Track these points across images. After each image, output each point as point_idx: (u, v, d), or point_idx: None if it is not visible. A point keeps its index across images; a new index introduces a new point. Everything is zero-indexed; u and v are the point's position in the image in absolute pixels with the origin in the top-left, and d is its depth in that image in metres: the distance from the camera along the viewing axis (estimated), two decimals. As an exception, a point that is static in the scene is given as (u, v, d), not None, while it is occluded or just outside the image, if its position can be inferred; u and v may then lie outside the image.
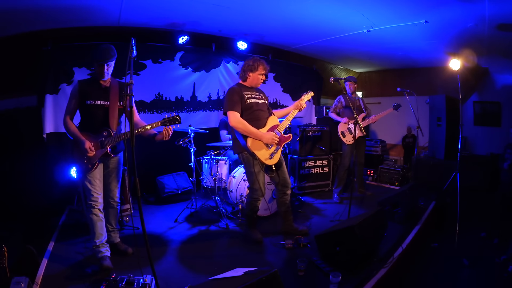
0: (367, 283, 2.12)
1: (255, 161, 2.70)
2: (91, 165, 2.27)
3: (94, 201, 2.29)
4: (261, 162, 2.71)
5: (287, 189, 2.94)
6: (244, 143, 2.67)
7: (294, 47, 5.53)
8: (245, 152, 2.72)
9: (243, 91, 2.76)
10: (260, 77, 2.82)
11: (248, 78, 2.82)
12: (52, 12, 3.23)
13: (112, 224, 2.56)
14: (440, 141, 4.81)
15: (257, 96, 2.84)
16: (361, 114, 4.23)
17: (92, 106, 2.28)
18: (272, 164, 2.81)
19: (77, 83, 2.33)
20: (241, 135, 2.69)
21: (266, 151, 2.73)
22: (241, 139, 2.70)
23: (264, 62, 2.82)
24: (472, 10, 3.27)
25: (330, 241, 2.41)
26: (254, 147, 2.66)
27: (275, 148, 2.78)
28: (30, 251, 2.21)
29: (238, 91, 2.73)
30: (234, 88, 2.76)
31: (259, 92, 2.91)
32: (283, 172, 2.92)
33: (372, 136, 7.38)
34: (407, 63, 6.15)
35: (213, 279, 1.85)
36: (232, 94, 2.71)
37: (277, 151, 2.80)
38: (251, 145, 2.65)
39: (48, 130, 3.70)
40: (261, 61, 2.81)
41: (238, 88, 2.76)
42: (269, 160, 2.75)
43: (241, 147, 2.74)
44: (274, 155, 2.77)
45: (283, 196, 2.95)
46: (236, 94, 2.70)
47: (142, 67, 4.33)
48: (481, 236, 3.37)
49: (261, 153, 2.69)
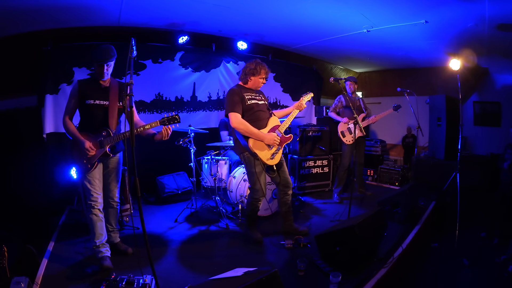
0: (367, 283, 2.12)
1: (257, 161, 2.71)
2: (91, 165, 2.27)
3: (94, 201, 2.29)
4: (262, 162, 2.72)
5: (289, 189, 2.95)
6: (245, 144, 2.68)
7: (294, 47, 5.53)
8: (247, 152, 2.73)
9: (243, 92, 2.77)
10: (261, 81, 2.85)
11: (249, 81, 2.83)
12: (52, 11, 3.23)
13: (112, 224, 2.56)
14: (440, 141, 4.81)
15: (257, 97, 2.85)
16: (361, 114, 4.23)
17: (91, 106, 2.28)
18: (274, 165, 2.82)
19: (76, 83, 2.33)
20: (242, 136, 2.70)
21: (268, 152, 2.74)
22: (243, 140, 2.71)
23: (266, 66, 2.83)
24: (472, 10, 3.27)
25: (330, 241, 2.41)
26: (255, 147, 2.67)
27: (276, 149, 2.79)
28: (30, 251, 2.21)
29: (238, 93, 2.74)
30: (234, 90, 2.77)
31: (259, 93, 2.92)
32: (284, 172, 2.93)
33: (372, 136, 7.38)
34: (407, 63, 6.14)
35: (213, 279, 1.85)
36: (233, 96, 2.72)
37: (278, 152, 2.82)
38: (252, 146, 2.66)
39: (48, 130, 3.70)
40: (263, 64, 2.81)
41: (238, 90, 2.77)
42: (271, 160, 2.76)
43: (242, 147, 2.75)
44: (275, 155, 2.79)
45: (285, 196, 2.95)
46: (236, 96, 2.72)
47: (142, 67, 4.33)
48: (481, 236, 3.37)
49: (262, 153, 2.71)
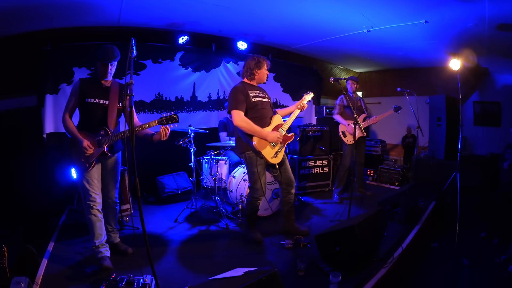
0: (367, 283, 2.12)
1: (259, 160, 2.70)
2: (88, 164, 2.26)
3: (93, 201, 2.29)
4: (266, 160, 2.71)
5: (292, 188, 2.94)
6: (249, 142, 2.68)
7: (294, 47, 5.53)
8: (249, 151, 2.72)
9: (248, 89, 2.75)
10: (266, 73, 2.87)
11: (256, 76, 2.83)
12: (52, 10, 3.22)
13: (111, 225, 2.56)
14: (440, 141, 4.81)
15: (261, 94, 2.84)
16: (362, 114, 4.25)
17: (91, 104, 2.28)
18: (276, 163, 2.82)
19: (78, 81, 2.33)
20: (245, 134, 2.69)
21: (271, 150, 2.74)
22: (246, 138, 2.70)
23: (266, 58, 2.87)
24: (472, 10, 3.27)
25: (330, 241, 2.41)
26: (259, 146, 2.67)
27: (279, 147, 2.79)
28: (30, 251, 2.21)
29: (242, 90, 2.72)
30: (238, 87, 2.76)
31: (262, 91, 2.91)
32: (286, 170, 2.92)
33: (372, 136, 7.38)
34: (407, 63, 6.14)
35: (213, 279, 1.85)
36: (237, 93, 2.70)
37: (281, 150, 2.82)
38: (257, 144, 2.65)
39: (48, 130, 3.70)
40: (263, 57, 2.86)
41: (242, 87, 2.76)
42: (274, 158, 2.76)
43: (244, 146, 2.74)
44: (278, 154, 2.79)
45: (288, 195, 2.94)
46: (240, 93, 2.70)
47: (142, 67, 4.33)
48: (481, 236, 3.36)
49: (266, 151, 2.71)
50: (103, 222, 2.39)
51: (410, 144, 6.34)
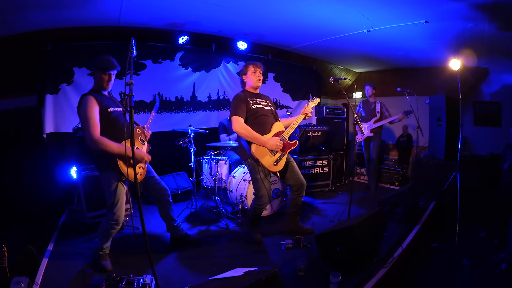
0: (367, 283, 2.12)
1: (259, 167, 2.69)
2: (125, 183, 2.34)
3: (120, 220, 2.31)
4: (265, 168, 2.68)
5: (303, 190, 2.88)
6: (248, 150, 2.66)
7: (294, 47, 5.53)
8: (250, 158, 2.70)
9: (248, 97, 2.77)
10: (256, 75, 2.81)
11: (246, 82, 2.85)
12: (52, 9, 3.21)
13: (174, 218, 2.74)
14: (440, 141, 4.80)
15: (263, 102, 2.83)
16: (373, 118, 4.73)
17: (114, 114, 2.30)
18: (277, 171, 2.78)
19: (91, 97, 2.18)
20: (246, 141, 2.68)
21: (271, 158, 2.68)
22: (246, 146, 2.69)
23: (254, 62, 2.87)
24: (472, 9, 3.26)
25: (330, 241, 2.41)
26: (258, 153, 2.62)
27: (280, 155, 2.72)
28: (30, 251, 2.21)
29: (243, 98, 2.74)
30: (239, 95, 2.78)
31: (265, 99, 2.90)
32: (296, 173, 2.86)
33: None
34: (407, 63, 6.15)
35: (213, 279, 1.85)
36: (237, 100, 2.73)
37: (282, 158, 2.73)
38: (255, 152, 2.62)
39: (48, 130, 3.70)
40: (250, 62, 2.87)
41: (243, 95, 2.78)
42: (274, 167, 2.70)
43: (246, 153, 2.72)
44: (279, 162, 2.71)
45: (298, 197, 2.91)
46: (241, 100, 2.72)
47: (142, 67, 4.33)
48: (481, 236, 3.37)
49: (265, 159, 2.65)
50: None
51: (404, 143, 6.30)
